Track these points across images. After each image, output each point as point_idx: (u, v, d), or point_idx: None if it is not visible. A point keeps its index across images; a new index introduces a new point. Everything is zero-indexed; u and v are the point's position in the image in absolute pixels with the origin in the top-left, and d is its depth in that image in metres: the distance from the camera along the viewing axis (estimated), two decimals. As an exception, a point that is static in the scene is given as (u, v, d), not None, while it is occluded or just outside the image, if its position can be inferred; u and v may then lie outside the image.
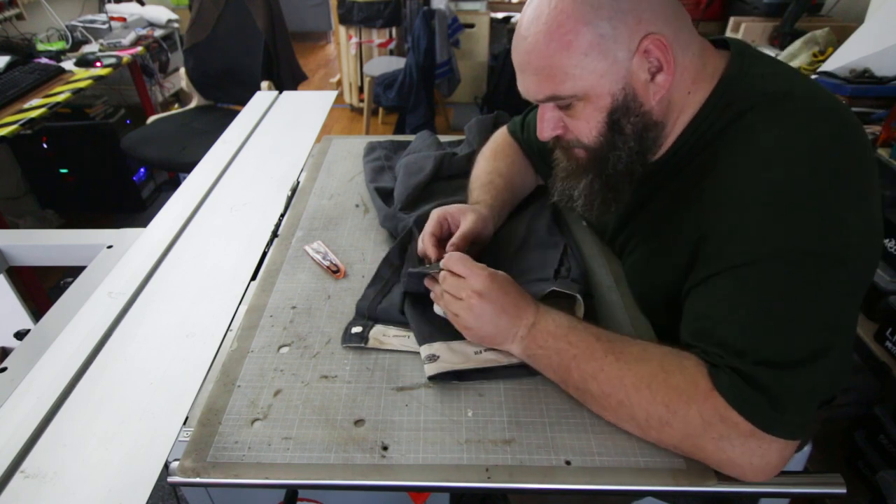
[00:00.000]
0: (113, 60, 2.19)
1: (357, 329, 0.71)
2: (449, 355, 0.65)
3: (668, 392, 0.54)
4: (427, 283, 0.71)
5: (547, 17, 0.57)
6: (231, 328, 0.72)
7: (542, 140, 0.68)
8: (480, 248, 0.81)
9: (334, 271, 0.83)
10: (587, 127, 0.62)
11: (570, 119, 0.64)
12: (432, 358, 0.65)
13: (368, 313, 0.74)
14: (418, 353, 0.68)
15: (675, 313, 0.65)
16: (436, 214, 0.79)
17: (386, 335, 0.71)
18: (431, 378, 0.64)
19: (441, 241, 0.77)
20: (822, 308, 0.52)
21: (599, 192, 0.67)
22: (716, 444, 0.53)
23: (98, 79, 2.08)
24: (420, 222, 0.85)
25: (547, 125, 0.65)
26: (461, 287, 0.64)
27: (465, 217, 0.79)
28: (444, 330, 0.69)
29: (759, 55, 0.64)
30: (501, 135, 0.99)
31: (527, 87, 0.63)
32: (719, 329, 0.56)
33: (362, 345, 0.70)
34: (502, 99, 3.52)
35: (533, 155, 0.95)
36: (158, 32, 2.62)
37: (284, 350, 0.70)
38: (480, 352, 0.66)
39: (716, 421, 0.52)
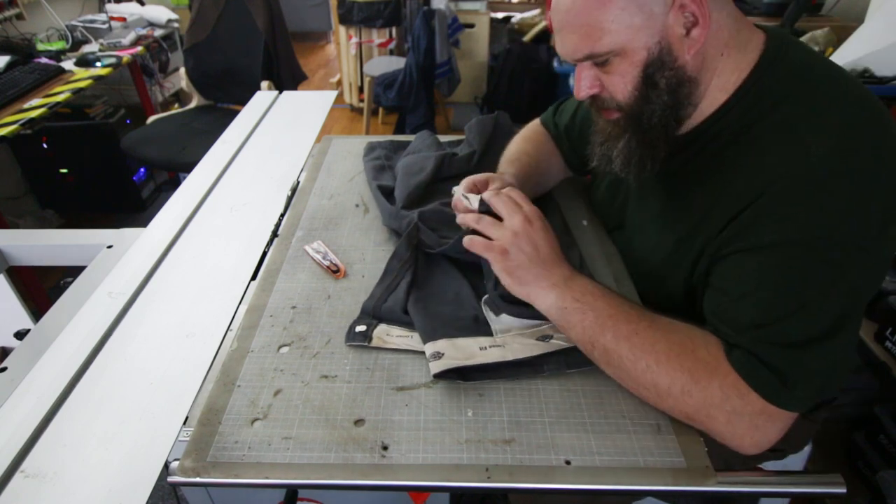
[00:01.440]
0: (113, 60, 2.19)
1: (361, 328, 0.71)
2: (453, 352, 0.65)
3: (695, 363, 0.57)
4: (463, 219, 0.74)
5: None
6: (231, 328, 0.72)
7: (579, 99, 0.69)
8: None
9: (334, 271, 0.83)
10: (622, 82, 0.63)
11: (606, 76, 0.65)
12: (437, 356, 0.65)
13: (374, 312, 0.74)
14: (421, 352, 0.68)
15: (685, 293, 0.70)
16: (467, 180, 0.81)
17: (389, 334, 0.71)
18: (436, 376, 0.64)
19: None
20: (838, 294, 0.55)
21: (636, 151, 0.68)
22: (727, 417, 0.56)
23: (98, 79, 2.08)
24: (424, 217, 0.85)
25: (584, 84, 0.67)
26: (497, 227, 0.68)
27: (493, 181, 0.81)
28: (448, 326, 0.69)
29: (797, 42, 0.65)
30: (533, 124, 1.03)
31: (565, 46, 0.64)
32: (736, 306, 0.59)
33: (365, 343, 0.70)
34: (502, 99, 3.52)
35: (563, 143, 0.97)
36: (158, 32, 2.62)
37: (284, 350, 0.70)
38: (486, 348, 0.66)
39: (733, 396, 0.56)
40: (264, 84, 2.11)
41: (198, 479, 0.55)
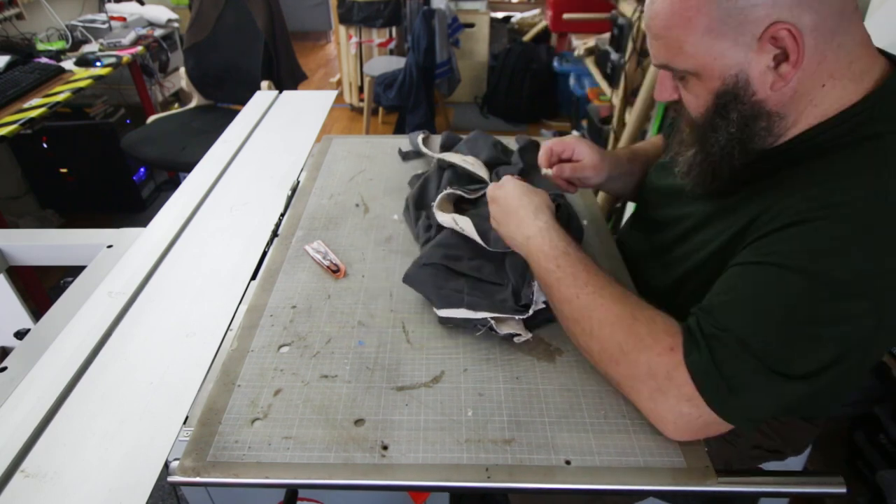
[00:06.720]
0: (113, 60, 2.19)
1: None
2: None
3: (627, 336, 0.59)
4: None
5: None
6: (231, 328, 0.72)
7: (658, 101, 0.72)
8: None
9: (334, 271, 0.83)
10: (696, 102, 0.63)
11: (683, 90, 0.64)
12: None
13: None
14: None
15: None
16: (552, 143, 0.89)
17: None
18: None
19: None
20: (830, 339, 0.51)
21: (698, 166, 0.67)
22: (650, 395, 0.57)
23: (98, 78, 2.08)
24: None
25: (664, 88, 0.67)
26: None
27: (579, 146, 0.88)
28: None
29: None
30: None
31: (650, 46, 0.63)
32: (726, 305, 0.56)
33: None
34: (502, 99, 3.52)
35: None
36: (158, 32, 2.62)
37: (284, 350, 0.70)
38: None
39: (661, 375, 0.56)
40: (264, 84, 2.11)
41: (198, 479, 0.55)
